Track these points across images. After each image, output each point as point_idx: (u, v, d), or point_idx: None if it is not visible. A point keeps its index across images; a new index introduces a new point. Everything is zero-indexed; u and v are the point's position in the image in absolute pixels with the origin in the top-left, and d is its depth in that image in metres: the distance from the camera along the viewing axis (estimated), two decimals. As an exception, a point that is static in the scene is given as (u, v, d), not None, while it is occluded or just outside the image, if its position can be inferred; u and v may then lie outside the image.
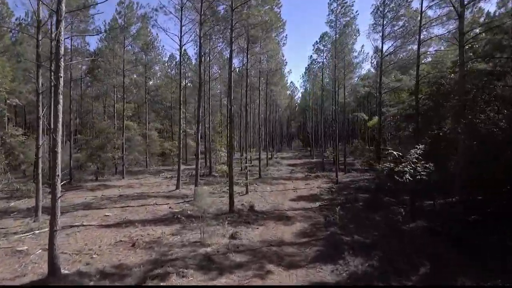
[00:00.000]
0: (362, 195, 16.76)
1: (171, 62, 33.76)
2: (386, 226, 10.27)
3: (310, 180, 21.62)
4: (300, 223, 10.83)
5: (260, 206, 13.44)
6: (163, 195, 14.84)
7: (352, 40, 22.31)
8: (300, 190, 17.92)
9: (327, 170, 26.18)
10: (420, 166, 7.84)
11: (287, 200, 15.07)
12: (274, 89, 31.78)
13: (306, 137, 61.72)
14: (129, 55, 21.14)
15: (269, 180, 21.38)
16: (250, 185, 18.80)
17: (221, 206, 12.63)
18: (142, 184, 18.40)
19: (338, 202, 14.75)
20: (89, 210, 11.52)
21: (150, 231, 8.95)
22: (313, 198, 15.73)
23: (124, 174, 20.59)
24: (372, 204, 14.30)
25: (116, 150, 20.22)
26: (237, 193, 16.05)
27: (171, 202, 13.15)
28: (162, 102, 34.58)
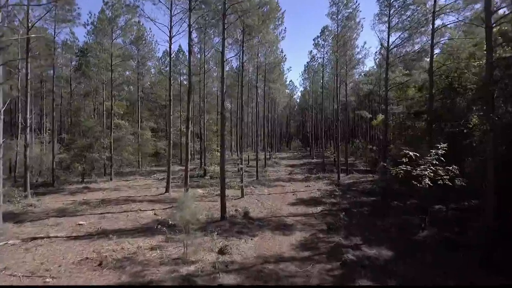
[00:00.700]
0: (367, 198, 15.55)
1: (165, 58, 32.40)
2: (400, 238, 9.02)
3: (310, 182, 20.40)
4: (300, 232, 9.58)
5: (256, 211, 12.19)
6: (150, 199, 13.56)
7: (355, 34, 21.10)
8: (300, 193, 16.69)
9: (327, 171, 24.96)
10: (441, 169, 6.63)
11: (285, 205, 13.83)
12: (272, 87, 30.50)
13: (305, 137, 60.55)
14: (118, 49, 19.81)
15: (266, 182, 20.13)
16: (246, 188, 17.54)
17: (212, 212, 11.37)
18: (130, 187, 17.11)
19: (341, 207, 13.53)
20: (63, 217, 10.22)
21: (125, 244, 7.67)
22: (314, 202, 14.50)
23: (112, 176, 19.29)
24: (379, 209, 13.08)
25: (103, 150, 18.91)
26: (231, 197, 14.80)
27: (158, 208, 11.87)
28: (157, 100, 33.25)
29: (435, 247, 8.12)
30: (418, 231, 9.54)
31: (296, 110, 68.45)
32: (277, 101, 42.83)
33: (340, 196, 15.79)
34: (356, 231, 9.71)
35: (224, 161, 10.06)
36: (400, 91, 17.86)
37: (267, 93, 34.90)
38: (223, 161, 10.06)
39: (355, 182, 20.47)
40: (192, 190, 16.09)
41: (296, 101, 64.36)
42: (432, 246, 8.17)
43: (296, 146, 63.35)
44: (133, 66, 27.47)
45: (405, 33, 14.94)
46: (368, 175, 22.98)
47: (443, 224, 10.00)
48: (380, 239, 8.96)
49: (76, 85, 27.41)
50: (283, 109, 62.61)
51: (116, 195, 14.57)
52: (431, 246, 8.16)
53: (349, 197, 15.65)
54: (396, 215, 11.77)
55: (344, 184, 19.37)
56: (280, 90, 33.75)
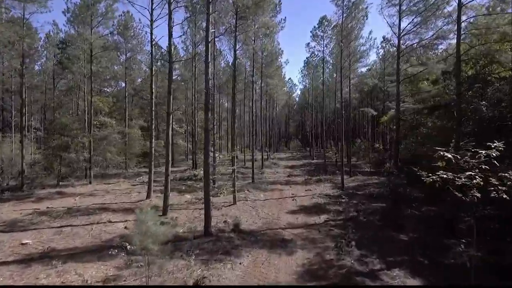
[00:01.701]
0: (376, 204, 13.72)
1: (156, 53, 30.50)
2: (429, 261, 7.15)
3: (311, 185, 18.57)
4: (302, 251, 7.74)
5: (249, 222, 10.33)
6: (126, 208, 11.69)
7: (360, 23, 19.28)
8: (300, 198, 14.85)
9: (329, 173, 23.14)
10: (493, 177, 4.83)
11: (284, 213, 11.99)
12: (270, 83, 28.67)
13: (305, 137, 58.76)
14: (99, 37, 17.88)
15: (263, 185, 18.28)
16: (239, 192, 15.70)
17: (196, 224, 9.52)
18: (109, 191, 15.22)
19: (348, 215, 11.70)
20: (9, 233, 8.34)
21: (70, 274, 5.82)
22: (316, 209, 12.66)
23: (91, 179, 17.38)
24: (392, 218, 11.25)
25: (82, 150, 16.99)
26: (222, 203, 12.96)
27: (132, 219, 9.99)
28: (147, 97, 31.33)
29: (482, 278, 6.12)
30: (449, 252, 7.71)
31: (295, 109, 66.65)
32: (275, 98, 41.01)
33: (345, 202, 13.98)
34: (370, 250, 7.88)
35: (208, 163, 8.21)
36: (411, 85, 16.07)
37: (264, 90, 33.11)
38: (207, 163, 8.21)
39: (360, 185, 18.67)
40: (178, 196, 14.27)
41: (295, 100, 62.57)
42: (479, 276, 6.09)
43: (295, 146, 61.52)
44: (122, 60, 25.57)
45: (418, 17, 13.13)
46: (373, 177, 21.21)
47: (479, 242, 8.20)
48: (403, 262, 7.13)
49: (59, 80, 25.43)
50: (282, 108, 60.83)
51: (89, 201, 12.67)
52: (477, 276, 6.08)
53: (356, 203, 13.83)
54: (415, 228, 9.95)
55: (349, 188, 17.56)
56: (278, 86, 31.91)
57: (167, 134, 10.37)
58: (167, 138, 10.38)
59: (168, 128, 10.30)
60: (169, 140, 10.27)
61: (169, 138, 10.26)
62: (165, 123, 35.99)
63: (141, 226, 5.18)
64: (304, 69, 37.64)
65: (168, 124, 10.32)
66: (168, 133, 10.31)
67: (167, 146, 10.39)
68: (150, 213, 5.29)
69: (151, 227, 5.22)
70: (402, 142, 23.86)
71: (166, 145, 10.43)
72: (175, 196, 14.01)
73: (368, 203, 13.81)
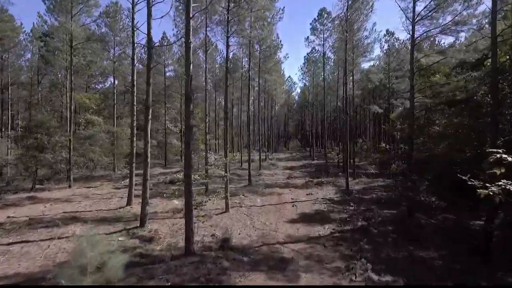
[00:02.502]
0: (386, 211, 12.20)
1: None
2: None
3: (312, 189, 17.06)
4: (306, 277, 6.21)
5: (242, 235, 8.79)
6: (101, 217, 10.12)
7: (364, 12, 17.77)
8: (301, 203, 13.33)
9: (331, 175, 21.63)
10: None
11: (283, 222, 10.46)
12: (268, 79, 27.14)
13: (304, 136, 57.28)
14: (81, 26, 16.26)
15: (260, 188, 16.77)
16: (234, 197, 14.17)
17: (179, 238, 7.98)
18: (88, 196, 13.64)
19: (356, 225, 10.17)
20: None
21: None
22: (320, 217, 11.14)
23: (71, 182, 15.77)
24: (408, 229, 9.73)
25: (60, 150, 15.39)
26: (213, 211, 11.41)
27: (102, 232, 8.43)
28: (139, 94, 29.72)
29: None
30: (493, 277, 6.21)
31: (295, 108, 65.18)
32: (274, 97, 39.49)
33: (352, 208, 12.46)
34: (389, 272, 6.36)
35: (190, 165, 6.66)
36: (422, 78, 14.58)
37: (262, 88, 31.59)
38: (189, 165, 6.67)
39: (365, 189, 17.18)
40: (164, 202, 12.70)
41: (295, 99, 61.11)
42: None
43: (295, 146, 60.03)
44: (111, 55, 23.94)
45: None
46: (378, 179, 19.76)
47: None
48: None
49: (43, 75, 23.80)
50: (281, 107, 59.37)
51: (60, 209, 11.08)
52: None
53: (363, 209, 12.31)
54: (437, 242, 8.44)
55: (353, 191, 16.06)
56: (277, 83, 30.38)
57: (146, 131, 8.81)
58: (146, 136, 8.83)
59: (147, 124, 8.74)
60: (147, 138, 8.72)
61: (147, 137, 8.71)
62: (158, 122, 34.26)
63: (80, 259, 3.62)
64: (304, 66, 36.12)
65: (146, 120, 8.77)
66: (146, 130, 8.75)
67: (146, 146, 8.84)
68: (93, 243, 3.71)
69: (96, 259, 3.66)
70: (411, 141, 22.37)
71: (144, 144, 8.88)
72: (160, 201, 12.46)
73: (377, 210, 12.30)
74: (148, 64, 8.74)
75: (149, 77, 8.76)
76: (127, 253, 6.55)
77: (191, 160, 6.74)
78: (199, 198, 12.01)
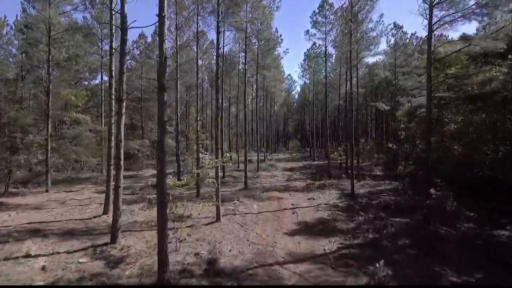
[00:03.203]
0: (398, 219, 10.76)
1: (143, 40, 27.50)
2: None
3: (314, 192, 15.67)
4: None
5: (233, 252, 7.37)
6: (69, 228, 8.68)
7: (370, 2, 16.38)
8: (302, 210, 11.93)
9: (334, 177, 20.25)
10: None
11: (282, 234, 9.04)
12: (267, 76, 25.71)
13: (304, 136, 55.89)
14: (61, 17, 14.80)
15: (257, 192, 15.36)
16: (228, 203, 12.76)
17: (155, 260, 6.55)
18: (64, 202, 12.21)
19: (367, 238, 8.73)
20: None
21: None
22: (324, 227, 9.73)
23: (48, 186, 14.31)
24: (427, 242, 8.34)
25: (37, 150, 13.94)
26: (203, 219, 9.99)
27: (64, 250, 6.99)
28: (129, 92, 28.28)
29: None
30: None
31: (294, 108, 63.80)
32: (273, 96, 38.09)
33: (359, 216, 11.04)
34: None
35: (163, 171, 5.24)
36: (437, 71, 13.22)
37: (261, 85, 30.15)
38: (163, 172, 5.24)
39: (371, 192, 15.75)
40: (147, 211, 11.20)
41: (295, 98, 59.75)
42: None
43: (295, 146, 58.66)
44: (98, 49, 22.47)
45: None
46: (384, 182, 18.34)
47: None
48: None
49: (26, 71, 22.30)
50: (281, 107, 58.04)
51: (25, 219, 9.63)
52: None
53: (372, 218, 10.88)
54: (469, 259, 7.04)
55: (359, 195, 14.66)
56: (277, 79, 28.95)
57: (118, 129, 7.36)
58: (118, 134, 7.37)
59: (120, 120, 7.28)
60: (120, 137, 7.27)
61: (120, 135, 7.26)
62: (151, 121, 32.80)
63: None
64: (304, 63, 34.69)
65: (119, 114, 7.32)
66: (119, 127, 7.30)
67: (118, 146, 7.38)
68: None
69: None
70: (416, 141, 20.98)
71: (115, 144, 7.43)
72: (142, 210, 11.00)
73: (387, 218, 10.87)
74: (122, 49, 7.30)
75: (122, 63, 7.32)
76: (82, 282, 5.13)
77: (165, 165, 5.31)
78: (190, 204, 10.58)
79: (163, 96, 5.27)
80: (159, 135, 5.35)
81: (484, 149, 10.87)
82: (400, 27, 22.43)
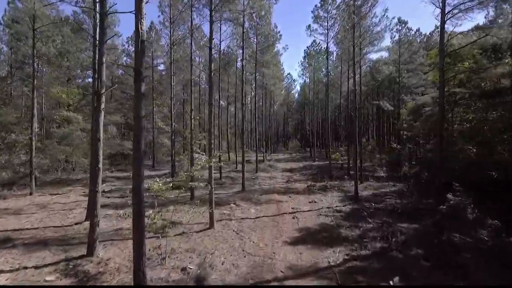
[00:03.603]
0: (407, 225, 9.92)
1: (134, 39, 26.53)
2: None
3: (315, 195, 14.83)
4: None
5: (226, 265, 6.52)
6: (46, 237, 7.82)
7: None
8: (303, 215, 11.09)
9: (336, 178, 19.42)
10: None
11: (281, 243, 8.20)
12: (266, 73, 24.86)
13: (304, 136, 55.05)
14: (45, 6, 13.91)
15: (256, 194, 14.50)
16: (223, 207, 11.93)
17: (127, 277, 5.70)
18: (46, 206, 11.34)
19: (375, 248, 7.90)
20: None
21: None
22: (327, 234, 8.89)
23: (33, 188, 13.45)
24: (443, 252, 7.53)
25: (20, 150, 13.07)
26: (195, 225, 9.15)
27: (33, 264, 6.13)
28: (126, 90, 27.44)
29: None
30: None
31: (294, 107, 62.98)
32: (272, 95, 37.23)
33: (365, 222, 10.20)
34: None
35: (140, 174, 4.40)
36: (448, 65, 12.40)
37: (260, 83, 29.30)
38: (139, 176, 4.40)
39: (376, 195, 14.93)
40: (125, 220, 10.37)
41: (294, 97, 58.92)
42: None
43: (294, 146, 57.81)
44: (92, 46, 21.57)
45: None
46: (388, 183, 17.52)
47: None
48: None
49: (15, 68, 21.41)
50: (280, 106, 57.23)
51: (1, 225, 8.77)
52: None
53: (379, 224, 10.03)
54: (495, 273, 6.22)
55: (363, 198, 13.85)
56: (276, 77, 28.10)
57: (97, 127, 6.50)
58: (96, 132, 6.51)
59: (99, 115, 6.43)
60: (99, 134, 6.41)
61: (99, 133, 6.40)
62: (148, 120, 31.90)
63: None
64: (304, 61, 33.81)
65: (98, 110, 6.46)
66: (98, 125, 6.45)
67: (96, 145, 6.53)
68: None
69: None
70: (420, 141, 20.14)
71: (93, 144, 6.57)
72: (123, 218, 10.13)
73: (395, 224, 10.03)
74: (101, 36, 6.46)
75: (102, 54, 6.47)
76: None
77: (142, 167, 4.46)
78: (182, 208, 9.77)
79: (140, 86, 4.43)
80: (135, 131, 4.51)
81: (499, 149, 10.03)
82: (404, 22, 21.61)
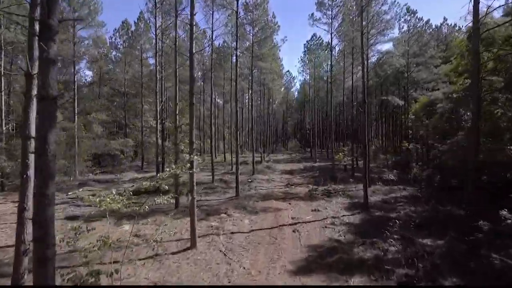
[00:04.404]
0: (429, 241, 8.15)
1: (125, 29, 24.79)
2: None
3: (318, 201, 13.12)
4: None
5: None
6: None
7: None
8: (306, 227, 9.36)
9: (340, 181, 17.67)
10: None
11: (279, 269, 6.44)
12: (264, 67, 23.11)
13: (304, 136, 53.34)
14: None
15: (251, 201, 12.73)
16: (213, 216, 10.20)
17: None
18: (1, 217, 9.56)
19: (401, 278, 6.15)
20: None
21: None
22: (338, 256, 7.13)
23: (-7, 194, 11.65)
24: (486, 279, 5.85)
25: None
26: (174, 242, 7.38)
27: None
28: (115, 87, 25.60)
29: None
30: None
31: (294, 106, 61.30)
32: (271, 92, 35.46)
33: (380, 237, 8.44)
34: None
35: (47, 195, 2.61)
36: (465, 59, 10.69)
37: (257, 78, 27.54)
38: (45, 196, 2.61)
39: (386, 201, 13.23)
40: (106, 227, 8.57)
41: (294, 95, 57.23)
42: None
43: (294, 146, 56.09)
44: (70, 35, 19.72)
45: None
46: (398, 187, 15.84)
47: None
48: None
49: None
50: (280, 105, 55.54)
51: None
52: None
53: (398, 239, 8.26)
54: None
55: (372, 205, 12.15)
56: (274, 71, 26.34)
57: (25, 119, 4.75)
58: (25, 128, 4.76)
59: (29, 103, 4.65)
60: (28, 130, 4.68)
61: (28, 130, 4.66)
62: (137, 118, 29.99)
63: None
64: (305, 56, 32.06)
65: (27, 96, 4.69)
66: (27, 116, 4.71)
67: (24, 143, 4.78)
68: None
69: None
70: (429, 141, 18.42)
71: (22, 142, 4.81)
72: (103, 226, 8.37)
73: (416, 239, 8.28)
74: None
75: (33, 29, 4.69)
76: None
77: (50, 182, 2.70)
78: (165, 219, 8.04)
79: (49, 46, 2.65)
80: (37, 123, 2.72)
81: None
82: (414, 12, 19.91)
